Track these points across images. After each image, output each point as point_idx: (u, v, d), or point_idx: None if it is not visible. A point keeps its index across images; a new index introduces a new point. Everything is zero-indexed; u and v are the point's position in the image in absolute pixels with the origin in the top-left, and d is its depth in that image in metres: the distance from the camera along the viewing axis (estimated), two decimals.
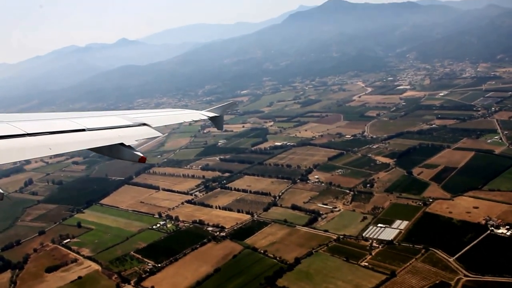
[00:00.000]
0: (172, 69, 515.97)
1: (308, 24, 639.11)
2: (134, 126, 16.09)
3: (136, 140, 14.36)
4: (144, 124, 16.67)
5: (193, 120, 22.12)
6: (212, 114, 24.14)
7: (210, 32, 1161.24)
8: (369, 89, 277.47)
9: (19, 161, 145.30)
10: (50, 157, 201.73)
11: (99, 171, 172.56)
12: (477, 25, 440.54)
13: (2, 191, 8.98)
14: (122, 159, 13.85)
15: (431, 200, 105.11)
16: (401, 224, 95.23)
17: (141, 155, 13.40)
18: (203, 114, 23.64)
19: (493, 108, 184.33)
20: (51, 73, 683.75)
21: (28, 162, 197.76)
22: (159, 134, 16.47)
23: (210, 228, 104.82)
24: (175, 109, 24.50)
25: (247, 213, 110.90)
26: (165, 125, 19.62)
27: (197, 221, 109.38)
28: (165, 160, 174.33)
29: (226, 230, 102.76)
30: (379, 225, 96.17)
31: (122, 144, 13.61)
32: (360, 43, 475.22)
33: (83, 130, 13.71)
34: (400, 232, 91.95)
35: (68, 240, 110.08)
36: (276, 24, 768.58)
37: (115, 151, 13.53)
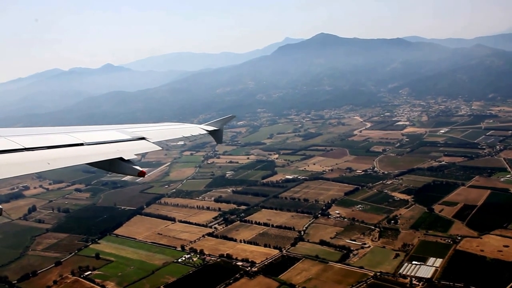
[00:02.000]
0: (162, 97, 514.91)
1: (298, 57, 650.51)
2: (133, 140, 16.26)
3: (135, 154, 14.41)
4: (143, 138, 16.89)
5: (192, 135, 22.29)
6: (211, 128, 24.53)
7: (195, 61, 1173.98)
8: (368, 124, 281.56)
9: (18, 187, 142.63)
10: (50, 183, 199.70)
11: (106, 199, 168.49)
12: (466, 64, 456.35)
13: (1, 206, 9.18)
14: (121, 174, 14.08)
15: (459, 238, 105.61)
16: (436, 262, 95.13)
17: (141, 169, 13.52)
18: (203, 128, 23.88)
19: (497, 147, 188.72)
20: (35, 96, 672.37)
21: (26, 188, 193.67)
22: (158, 147, 16.49)
23: (239, 263, 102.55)
24: (174, 123, 24.47)
25: (275, 247, 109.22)
26: (166, 140, 19.36)
27: (224, 255, 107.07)
28: (174, 190, 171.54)
29: (256, 265, 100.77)
30: (414, 262, 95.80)
31: (121, 158, 13.71)
32: (352, 78, 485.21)
33: (82, 144, 13.82)
34: (436, 270, 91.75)
35: (90, 272, 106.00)
36: (265, 55, 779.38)
37: (114, 165, 13.65)
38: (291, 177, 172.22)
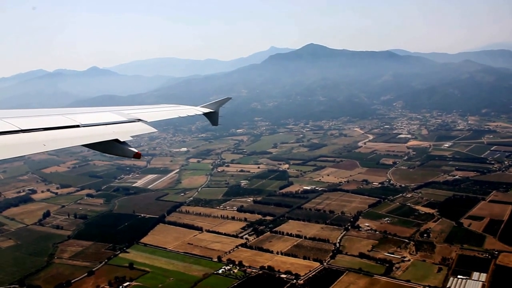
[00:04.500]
0: (155, 103, 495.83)
1: (289, 67, 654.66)
2: (129, 122, 16.68)
3: (131, 136, 14.80)
4: (139, 120, 17.30)
5: (188, 115, 22.97)
6: (207, 110, 25.44)
7: (181, 67, 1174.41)
8: (370, 136, 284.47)
9: (24, 190, 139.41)
10: (57, 187, 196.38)
11: (121, 206, 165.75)
12: (457, 78, 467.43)
13: None
14: (117, 155, 14.35)
15: (496, 252, 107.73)
16: (481, 276, 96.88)
17: (136, 151, 13.84)
18: (199, 110, 24.70)
19: (505, 162, 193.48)
20: (22, 97, 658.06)
21: (33, 191, 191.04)
22: (154, 129, 17.00)
23: (283, 276, 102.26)
24: (170, 105, 25.11)
25: (315, 260, 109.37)
26: (162, 120, 20.02)
27: (266, 267, 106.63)
28: (191, 199, 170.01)
29: (301, 278, 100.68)
30: (459, 276, 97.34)
31: (117, 140, 14.05)
32: (345, 89, 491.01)
33: (78, 126, 14.04)
34: (484, 285, 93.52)
35: (128, 283, 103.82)
36: (255, 64, 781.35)
37: (110, 147, 14.00)
38: (308, 188, 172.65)
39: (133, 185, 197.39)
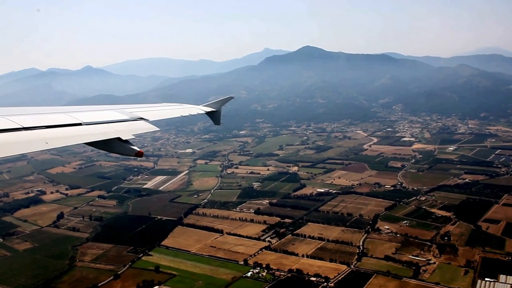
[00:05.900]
0: (154, 102, 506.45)
1: (286, 68, 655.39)
2: (131, 121, 16.84)
3: (133, 134, 14.98)
4: (141, 119, 17.49)
5: (190, 114, 23.30)
6: (209, 109, 25.79)
7: (175, 67, 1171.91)
8: (374, 139, 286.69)
9: (33, 191, 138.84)
10: (66, 188, 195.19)
11: (135, 208, 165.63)
12: (454, 82, 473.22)
13: None
14: (119, 154, 14.58)
15: None
16: (508, 279, 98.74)
17: (138, 149, 14.03)
18: (201, 109, 25.07)
19: None
20: (15, 95, 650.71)
21: (42, 192, 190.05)
22: (155, 128, 17.09)
23: (312, 278, 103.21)
24: (172, 104, 25.57)
25: (341, 263, 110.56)
26: (164, 119, 20.14)
27: (294, 270, 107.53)
28: (206, 201, 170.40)
29: (331, 280, 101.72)
30: (486, 279, 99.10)
31: (119, 138, 14.18)
32: (343, 91, 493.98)
33: (80, 124, 14.13)
34: None
35: (157, 287, 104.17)
36: (251, 65, 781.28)
37: (112, 145, 14.16)
38: (322, 190, 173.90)
39: (144, 186, 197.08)
